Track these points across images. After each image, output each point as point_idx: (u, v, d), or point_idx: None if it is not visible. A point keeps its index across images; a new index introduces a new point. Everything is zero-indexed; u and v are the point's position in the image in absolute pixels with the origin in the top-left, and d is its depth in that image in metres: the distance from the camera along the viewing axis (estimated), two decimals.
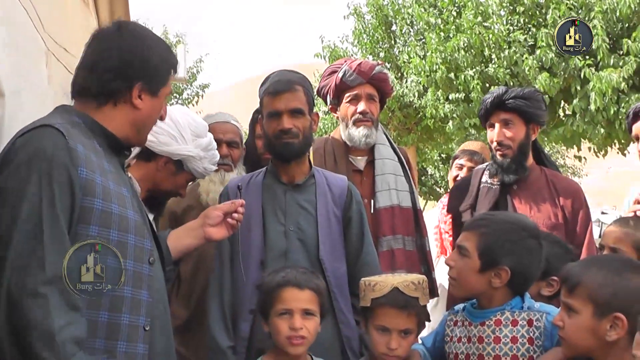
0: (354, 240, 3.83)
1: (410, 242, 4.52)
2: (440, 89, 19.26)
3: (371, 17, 22.58)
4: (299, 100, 3.71)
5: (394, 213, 4.50)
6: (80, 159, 2.40)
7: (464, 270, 3.04)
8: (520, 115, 4.26)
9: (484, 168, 4.55)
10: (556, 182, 4.35)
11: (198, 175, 3.91)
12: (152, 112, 2.77)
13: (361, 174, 4.62)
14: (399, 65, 21.61)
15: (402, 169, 4.68)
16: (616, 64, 16.91)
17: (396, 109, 21.43)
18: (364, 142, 4.57)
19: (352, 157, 4.64)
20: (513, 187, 4.34)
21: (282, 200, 3.76)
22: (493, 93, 4.34)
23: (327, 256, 3.68)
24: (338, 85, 4.64)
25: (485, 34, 18.12)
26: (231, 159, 4.51)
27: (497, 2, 18.40)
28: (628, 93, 17.07)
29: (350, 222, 3.84)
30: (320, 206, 3.76)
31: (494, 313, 3.02)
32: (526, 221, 3.22)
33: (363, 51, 22.81)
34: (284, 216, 3.72)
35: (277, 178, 3.80)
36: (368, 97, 4.63)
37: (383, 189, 4.52)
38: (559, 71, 17.51)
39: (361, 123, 4.57)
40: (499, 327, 2.97)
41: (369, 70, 4.60)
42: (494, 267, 2.98)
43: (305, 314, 3.17)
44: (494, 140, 4.33)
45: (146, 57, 2.68)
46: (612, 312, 2.54)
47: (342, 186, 3.87)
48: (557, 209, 4.23)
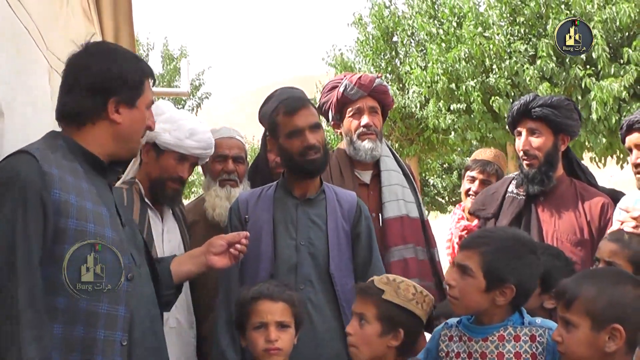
0: (363, 255, 3.84)
1: (421, 252, 4.47)
2: (442, 100, 19.28)
3: (372, 27, 22.63)
4: (315, 115, 3.76)
5: (403, 223, 4.45)
6: (54, 181, 2.49)
7: (468, 290, 2.99)
8: (548, 124, 4.13)
9: (513, 177, 4.46)
10: (585, 196, 4.21)
11: (176, 148, 3.95)
12: (133, 124, 2.80)
13: (367, 188, 4.57)
14: (400, 76, 21.65)
15: (407, 181, 4.68)
16: (617, 73, 16.95)
17: (398, 120, 21.45)
18: (370, 155, 4.53)
19: (357, 171, 4.60)
20: (539, 199, 4.23)
21: (293, 214, 3.77)
22: (521, 100, 4.24)
23: (337, 270, 3.70)
24: (340, 100, 4.60)
25: (486, 44, 18.17)
26: (237, 174, 4.51)
27: (497, 13, 18.46)
28: (629, 102, 17.10)
29: (359, 237, 3.85)
30: (330, 221, 3.77)
31: (496, 329, 2.98)
32: (524, 236, 3.20)
33: (365, 62, 22.86)
34: (295, 230, 3.73)
35: (288, 192, 3.82)
36: (370, 110, 4.59)
37: (391, 199, 4.48)
38: (560, 81, 17.56)
39: (366, 136, 4.52)
40: (502, 343, 2.95)
41: (369, 83, 4.56)
42: (500, 286, 2.95)
43: (280, 326, 3.23)
44: (520, 149, 4.23)
45: (115, 72, 2.72)
46: (609, 323, 2.55)
47: (351, 201, 3.89)
48: (583, 224, 4.11)
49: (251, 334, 3.23)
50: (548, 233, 4.12)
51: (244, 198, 3.88)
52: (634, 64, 16.70)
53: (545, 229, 4.14)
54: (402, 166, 4.72)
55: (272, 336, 3.18)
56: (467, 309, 3.06)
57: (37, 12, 3.38)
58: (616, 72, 17.02)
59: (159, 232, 4.00)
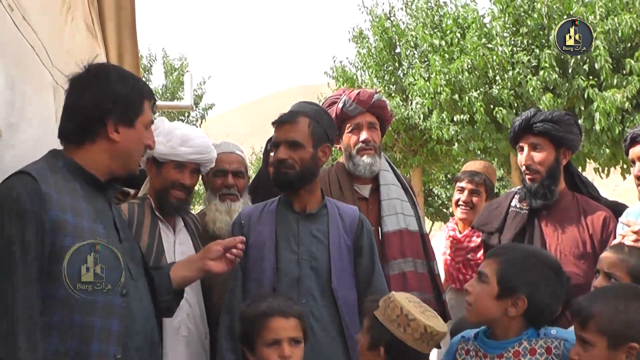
0: (365, 269, 3.88)
1: (420, 265, 4.50)
2: (445, 111, 19.30)
3: (375, 39, 22.65)
4: (298, 133, 3.78)
5: (403, 236, 4.48)
6: (52, 202, 2.58)
7: (481, 296, 3.06)
8: (550, 139, 4.18)
9: (515, 191, 4.51)
10: (587, 210, 4.24)
11: (172, 157, 4.06)
12: (131, 143, 2.89)
13: (367, 202, 4.61)
14: (403, 87, 21.67)
15: (407, 195, 4.70)
16: (619, 84, 16.98)
17: (402, 131, 21.45)
18: (369, 170, 4.57)
19: (356, 185, 4.63)
20: (542, 213, 4.26)
21: (295, 228, 3.82)
22: (522, 115, 4.29)
23: (339, 285, 3.74)
24: (338, 116, 4.63)
25: (489, 55, 18.19)
26: (237, 188, 4.56)
27: (500, 24, 18.47)
28: (632, 113, 17.12)
29: (361, 252, 3.89)
30: (332, 235, 3.81)
31: (511, 344, 3.01)
32: (548, 255, 3.29)
33: (369, 74, 22.88)
34: (297, 244, 3.78)
35: (290, 207, 3.87)
36: (369, 125, 4.64)
37: (390, 213, 4.52)
38: (563, 92, 17.58)
39: (365, 152, 4.56)
40: (517, 358, 2.97)
41: (368, 98, 4.62)
42: (511, 295, 2.99)
43: (294, 342, 3.25)
44: (522, 164, 4.27)
45: (115, 92, 2.82)
46: (627, 342, 2.58)
47: (353, 216, 3.94)
48: (585, 237, 4.14)
49: (263, 351, 3.23)
50: (551, 247, 4.13)
51: (247, 212, 3.93)
52: (637, 74, 16.70)
53: (548, 243, 4.15)
54: (401, 180, 4.76)
55: (287, 352, 3.20)
56: (480, 316, 3.11)
57: (42, 29, 3.41)
58: (619, 83, 17.05)
59: (170, 244, 4.07)
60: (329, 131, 3.94)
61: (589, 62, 17.67)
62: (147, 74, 30.31)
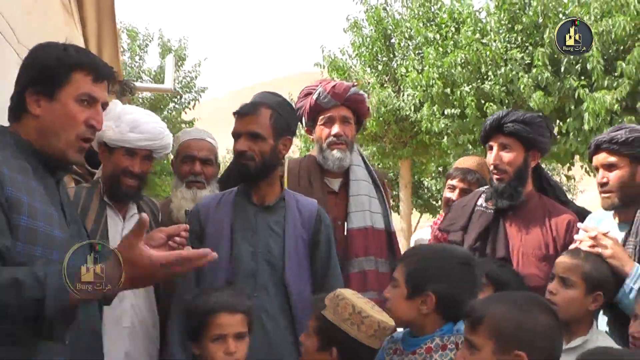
0: (321, 264, 3.88)
1: (383, 264, 4.47)
2: (436, 104, 19.27)
3: (370, 30, 22.59)
4: (259, 124, 3.76)
5: (367, 234, 4.46)
6: (6, 180, 2.44)
7: (394, 300, 3.08)
8: (520, 140, 4.17)
9: (483, 191, 4.49)
10: (553, 212, 4.23)
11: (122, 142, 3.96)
12: (56, 118, 2.67)
13: (336, 196, 4.59)
14: (396, 78, 21.64)
15: (377, 191, 4.67)
16: (610, 85, 16.99)
17: (392, 122, 21.39)
18: (338, 165, 4.54)
19: (327, 178, 4.61)
20: (508, 213, 4.24)
21: (252, 221, 3.80)
22: (494, 115, 4.27)
23: (293, 279, 3.74)
24: (312, 108, 4.61)
25: (483, 50, 18.14)
26: (204, 176, 4.51)
27: (495, 20, 18.44)
28: (621, 115, 17.12)
29: (318, 246, 3.88)
30: (288, 229, 3.81)
31: (424, 341, 3.03)
32: (456, 249, 3.34)
33: (362, 63, 22.84)
34: (254, 237, 3.77)
35: (248, 198, 3.84)
36: (342, 119, 4.60)
37: (357, 210, 4.49)
38: (554, 90, 17.56)
39: (335, 146, 4.54)
40: (429, 354, 2.98)
41: (343, 92, 4.57)
42: (420, 294, 3.00)
43: (238, 337, 3.30)
44: (491, 164, 4.26)
45: (35, 62, 2.69)
46: (513, 349, 2.50)
47: (311, 209, 3.92)
48: (549, 239, 4.13)
49: (209, 345, 3.26)
50: (514, 247, 4.13)
51: (205, 202, 3.92)
52: (627, 77, 16.71)
53: (511, 243, 4.15)
54: (373, 176, 4.71)
55: (232, 348, 3.25)
56: (398, 319, 3.13)
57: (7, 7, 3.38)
58: (610, 85, 17.05)
59: (118, 231, 3.97)
60: (291, 123, 3.92)
61: (581, 62, 17.67)
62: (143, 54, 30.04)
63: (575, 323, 3.48)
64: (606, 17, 17.34)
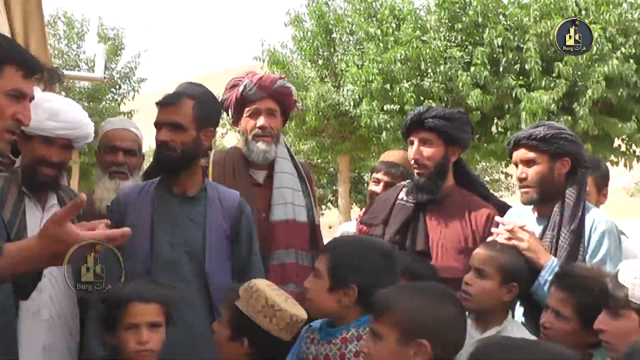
0: (242, 255, 3.86)
1: (304, 257, 4.46)
2: (376, 100, 19.36)
3: (312, 24, 22.59)
4: (181, 115, 3.71)
5: (289, 227, 4.44)
6: None
7: (316, 291, 3.07)
8: (440, 135, 4.18)
9: (404, 185, 4.50)
10: (472, 207, 4.26)
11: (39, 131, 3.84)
12: None
13: (261, 187, 4.56)
14: (336, 73, 21.68)
15: (302, 184, 4.68)
16: (547, 85, 17.32)
17: (332, 117, 21.46)
18: (263, 157, 4.51)
19: (252, 170, 4.57)
20: (428, 207, 4.26)
21: (172, 211, 3.77)
22: (415, 110, 4.28)
23: (213, 270, 3.71)
24: (239, 99, 4.57)
25: (423, 48, 18.31)
26: (127, 167, 4.43)
27: (435, 18, 18.62)
28: (558, 114, 17.47)
29: (239, 237, 3.86)
30: (209, 220, 3.77)
31: (340, 331, 3.03)
32: (378, 241, 3.34)
33: (302, 58, 22.85)
34: (173, 228, 3.73)
35: (169, 189, 3.81)
36: (268, 111, 4.56)
37: (279, 202, 4.47)
38: (492, 89, 17.81)
39: (260, 138, 4.50)
40: (344, 344, 2.98)
41: (270, 84, 4.54)
42: (342, 286, 3.00)
43: (152, 327, 3.23)
44: (411, 158, 4.27)
45: None
46: (416, 338, 2.49)
47: (233, 201, 3.90)
48: (468, 233, 4.17)
49: (122, 334, 3.21)
50: (434, 240, 4.15)
51: (126, 193, 3.88)
52: (564, 78, 17.05)
53: (431, 236, 4.17)
54: (298, 169, 4.71)
55: (144, 338, 3.19)
56: (319, 311, 3.13)
57: None
58: (547, 85, 17.41)
59: (36, 222, 3.85)
60: (213, 115, 3.89)
61: (520, 62, 17.96)
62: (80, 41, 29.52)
63: (491, 313, 3.52)
64: (545, 18, 17.67)
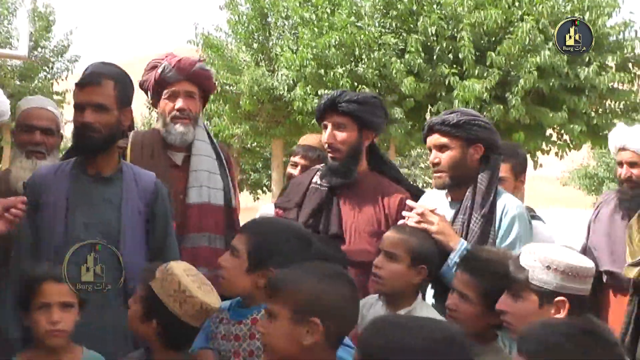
0: (157, 237, 3.83)
1: (217, 240, 4.46)
2: (310, 84, 19.36)
3: (247, 7, 22.48)
4: (104, 95, 3.65)
5: (202, 210, 4.45)
6: None
7: (232, 270, 3.07)
8: (354, 119, 4.19)
9: (318, 168, 4.51)
10: (385, 191, 4.30)
11: None
12: None
13: (179, 169, 4.55)
14: (271, 57, 21.63)
15: (221, 167, 4.65)
16: (480, 74, 17.56)
17: (266, 101, 21.39)
18: (181, 139, 4.50)
19: (170, 152, 4.56)
20: (341, 191, 4.28)
21: (87, 192, 3.70)
22: (328, 95, 4.30)
23: (128, 251, 3.66)
24: (157, 81, 4.55)
25: (357, 34, 18.37)
26: (45, 146, 4.36)
27: (370, 4, 18.68)
28: (490, 103, 17.73)
29: (155, 218, 3.82)
30: (125, 201, 3.73)
31: (251, 312, 3.04)
32: (296, 225, 3.39)
33: (237, 41, 22.73)
34: (88, 209, 3.67)
35: (84, 169, 3.74)
36: (186, 94, 4.55)
37: (194, 185, 4.47)
38: (426, 77, 17.98)
39: (178, 120, 4.49)
40: (254, 325, 2.98)
41: (188, 67, 4.53)
42: (261, 268, 3.00)
43: (64, 307, 3.20)
44: (325, 142, 4.28)
45: None
46: (308, 317, 2.53)
47: (149, 182, 3.86)
48: (381, 216, 4.20)
49: (34, 314, 3.17)
50: (347, 224, 4.18)
51: (41, 172, 3.80)
52: (497, 67, 17.31)
53: (345, 220, 4.19)
54: (217, 152, 4.69)
55: (55, 317, 3.15)
56: (233, 290, 3.13)
57: None
58: (480, 74, 17.65)
59: None
60: (130, 95, 3.83)
61: (453, 51, 18.14)
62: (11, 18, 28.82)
63: (401, 296, 3.53)
64: (479, 8, 17.95)
